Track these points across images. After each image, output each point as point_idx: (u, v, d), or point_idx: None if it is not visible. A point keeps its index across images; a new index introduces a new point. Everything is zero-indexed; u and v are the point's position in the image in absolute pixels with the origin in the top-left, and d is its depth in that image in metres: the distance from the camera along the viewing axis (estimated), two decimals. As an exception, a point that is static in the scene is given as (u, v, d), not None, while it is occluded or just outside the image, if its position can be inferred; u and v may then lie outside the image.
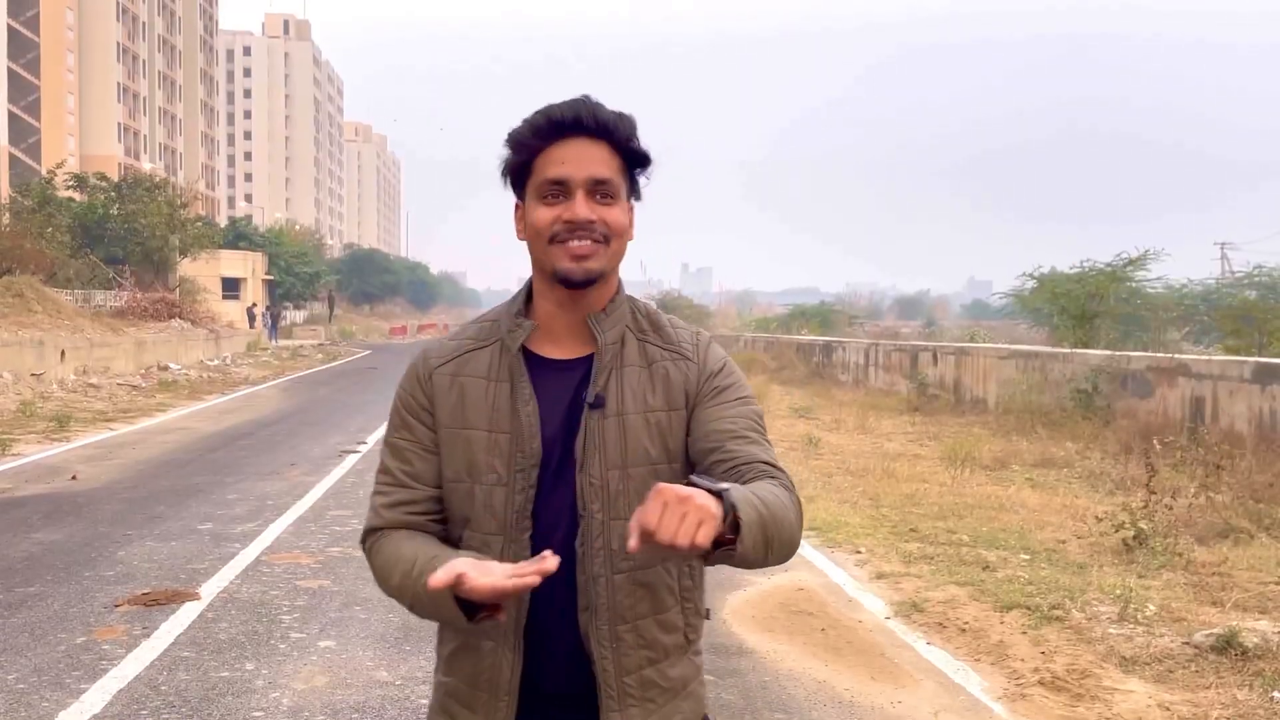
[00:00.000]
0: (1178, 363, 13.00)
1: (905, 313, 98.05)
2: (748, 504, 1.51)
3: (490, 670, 1.78)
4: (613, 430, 1.75)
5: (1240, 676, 5.03)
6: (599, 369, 1.77)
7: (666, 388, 1.79)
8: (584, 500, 1.74)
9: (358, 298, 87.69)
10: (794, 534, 1.64)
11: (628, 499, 1.73)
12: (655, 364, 1.81)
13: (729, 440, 1.74)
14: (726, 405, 1.78)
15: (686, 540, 1.40)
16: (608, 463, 1.75)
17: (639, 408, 1.77)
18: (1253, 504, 8.70)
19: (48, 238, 33.32)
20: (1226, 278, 34.79)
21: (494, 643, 1.77)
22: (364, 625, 5.99)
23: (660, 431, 1.78)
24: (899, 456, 12.77)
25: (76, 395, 20.92)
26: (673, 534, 1.40)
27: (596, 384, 1.77)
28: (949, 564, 7.42)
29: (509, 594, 1.57)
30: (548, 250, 1.75)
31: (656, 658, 1.79)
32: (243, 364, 33.93)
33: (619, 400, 1.77)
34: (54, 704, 4.77)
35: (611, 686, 1.75)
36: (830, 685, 5.16)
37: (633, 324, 1.83)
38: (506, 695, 1.77)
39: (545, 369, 1.80)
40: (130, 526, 8.67)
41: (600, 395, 1.76)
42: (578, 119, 1.73)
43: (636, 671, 1.77)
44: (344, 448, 13.64)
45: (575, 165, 1.73)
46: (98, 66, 79.49)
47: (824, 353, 28.24)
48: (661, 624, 1.79)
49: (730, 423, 1.76)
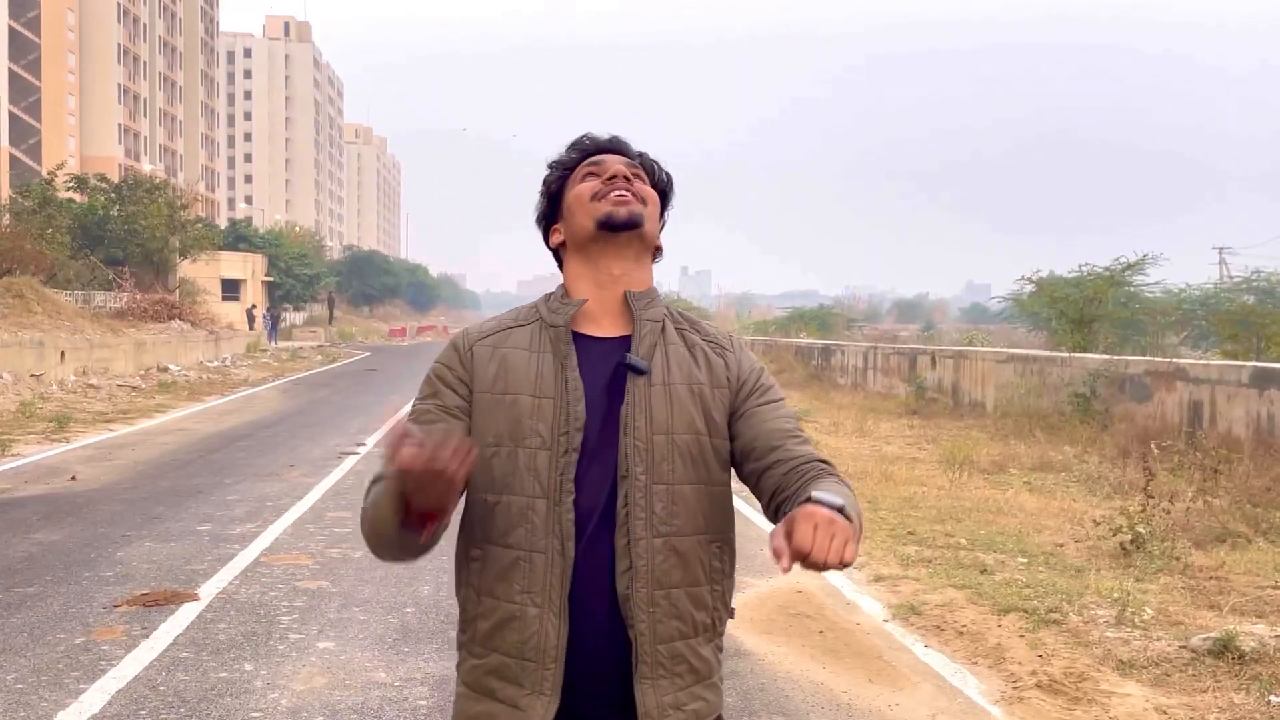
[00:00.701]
0: (1176, 367, 13.02)
1: (904, 316, 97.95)
2: (855, 512, 1.62)
3: (537, 637, 1.80)
4: (659, 397, 1.84)
5: (1237, 680, 5.04)
6: (639, 340, 1.86)
7: (709, 366, 1.90)
8: (628, 463, 1.80)
9: (357, 299, 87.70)
10: (862, 525, 1.74)
11: (670, 464, 1.82)
12: (696, 347, 1.92)
13: (788, 441, 1.86)
14: (775, 406, 1.91)
15: (837, 559, 1.49)
16: (654, 427, 1.82)
17: (685, 379, 1.87)
18: (1250, 508, 8.71)
19: (48, 239, 33.27)
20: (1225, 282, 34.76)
21: (539, 609, 1.79)
22: (363, 626, 6.00)
23: (704, 404, 1.87)
24: (897, 459, 12.78)
25: (76, 396, 20.93)
26: (825, 554, 1.48)
27: (638, 352, 1.84)
28: (947, 567, 7.43)
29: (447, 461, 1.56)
30: (592, 208, 1.88)
31: (688, 631, 1.83)
32: (242, 365, 33.94)
33: (665, 371, 1.86)
34: (53, 704, 4.78)
35: (646, 653, 1.79)
36: (828, 687, 5.17)
37: (670, 316, 1.94)
38: (553, 663, 1.80)
39: (586, 344, 1.88)
40: (129, 527, 8.68)
41: (643, 363, 1.83)
42: (613, 142, 1.98)
43: (669, 642, 1.81)
44: (343, 449, 13.65)
45: (609, 158, 1.94)
46: (98, 68, 79.53)
47: (823, 356, 28.26)
48: (693, 598, 1.84)
49: (785, 423, 1.89)
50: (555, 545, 1.79)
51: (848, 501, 1.61)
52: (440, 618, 6.16)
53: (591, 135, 2.00)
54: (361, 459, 12.79)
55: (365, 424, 16.84)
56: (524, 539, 1.81)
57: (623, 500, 1.79)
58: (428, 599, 6.55)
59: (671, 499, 1.81)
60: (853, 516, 1.58)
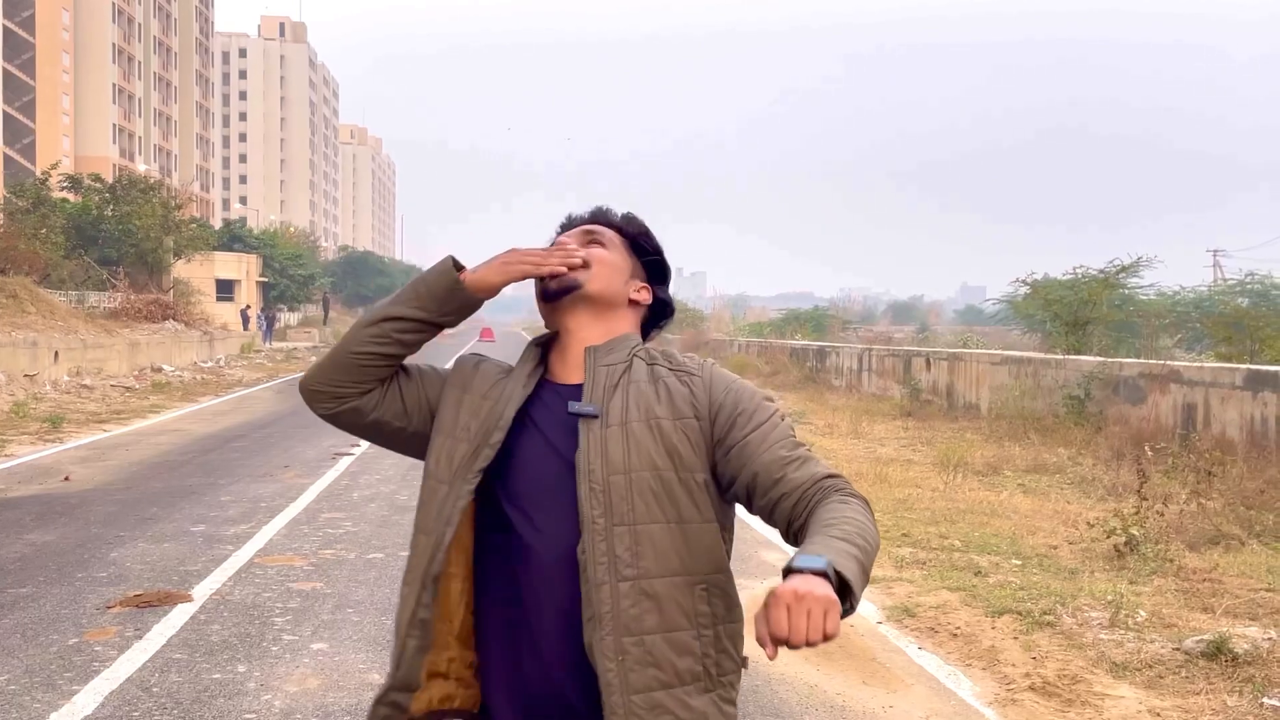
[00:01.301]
0: (1170, 369, 13.04)
1: (899, 318, 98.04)
2: (846, 558, 1.54)
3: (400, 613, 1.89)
4: (615, 438, 1.81)
5: (1230, 682, 5.05)
6: (591, 385, 1.87)
7: (670, 398, 1.86)
8: (586, 507, 1.77)
9: (352, 300, 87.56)
10: (876, 539, 1.69)
11: (630, 504, 1.77)
12: (660, 380, 1.89)
13: (787, 469, 1.78)
14: (765, 432, 1.82)
15: (818, 636, 1.42)
16: (610, 468, 1.79)
17: (643, 416, 1.83)
18: (1244, 511, 8.72)
19: (42, 239, 33.19)
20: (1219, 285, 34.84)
21: (409, 588, 1.88)
22: (356, 628, 6.00)
23: (665, 438, 1.82)
24: (892, 461, 12.79)
25: (70, 396, 20.90)
26: (803, 636, 1.42)
27: (590, 396, 1.86)
28: (941, 569, 7.43)
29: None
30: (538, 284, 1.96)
31: (669, 680, 1.75)
32: (236, 366, 33.89)
33: (623, 410, 1.84)
34: (45, 705, 4.76)
35: (616, 705, 1.72)
36: (822, 689, 5.18)
37: (642, 354, 1.94)
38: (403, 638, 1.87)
39: (551, 391, 1.93)
40: (123, 528, 8.66)
41: (590, 407, 1.84)
42: (590, 216, 2.08)
43: (645, 691, 1.73)
44: (337, 450, 13.63)
45: (565, 236, 2.04)
46: (93, 67, 79.39)
47: (817, 357, 28.26)
48: (672, 644, 1.76)
49: (780, 449, 1.80)
50: (439, 528, 1.85)
51: (839, 550, 1.55)
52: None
53: (572, 216, 2.09)
54: (356, 460, 12.77)
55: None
56: (423, 521, 1.90)
57: (581, 547, 1.76)
58: (422, 600, 6.53)
59: (635, 540, 1.76)
60: (849, 574, 1.50)
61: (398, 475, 11.53)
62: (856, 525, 1.64)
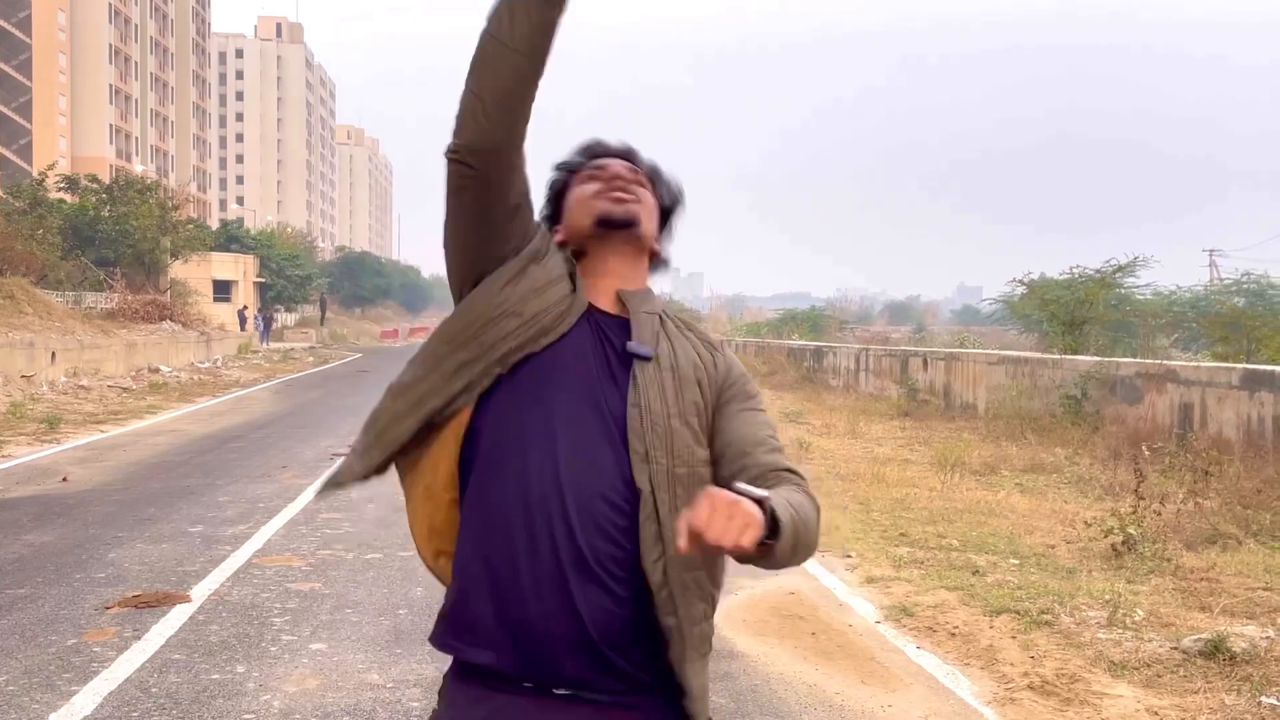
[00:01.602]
0: (1166, 369, 13.06)
1: (895, 318, 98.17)
2: (784, 510, 1.60)
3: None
4: (669, 381, 1.84)
5: (1228, 681, 5.06)
6: (639, 327, 1.86)
7: (701, 362, 1.91)
8: (649, 445, 1.77)
9: (349, 300, 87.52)
10: (815, 536, 1.75)
11: (689, 446, 1.81)
12: (692, 342, 1.93)
13: (758, 450, 1.84)
14: (754, 413, 1.90)
15: (732, 542, 1.48)
16: (669, 410, 1.82)
17: (690, 364, 1.88)
18: (1240, 510, 8.74)
19: (38, 239, 33.18)
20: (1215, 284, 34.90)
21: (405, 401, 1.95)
22: (355, 628, 6.00)
23: (704, 394, 1.87)
24: (889, 461, 12.80)
25: (67, 397, 20.87)
26: (720, 535, 1.47)
27: (640, 338, 1.84)
28: (939, 568, 7.44)
29: None
30: (592, 205, 1.89)
31: (710, 612, 1.84)
32: (233, 366, 33.87)
33: (671, 356, 1.86)
34: (44, 706, 4.76)
35: (688, 636, 1.78)
36: (821, 689, 5.18)
37: (665, 314, 1.95)
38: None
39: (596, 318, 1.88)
40: (121, 529, 8.66)
41: (647, 348, 1.84)
42: (622, 146, 1.98)
43: (698, 623, 1.80)
44: (335, 451, 13.63)
45: (614, 161, 1.96)
46: (89, 68, 79.37)
47: (814, 357, 28.28)
48: (713, 578, 1.84)
49: (762, 430, 1.88)
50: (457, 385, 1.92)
51: (781, 500, 1.61)
52: (432, 620, 6.14)
53: (601, 141, 2.01)
54: (353, 460, 12.75)
55: (357, 425, 16.62)
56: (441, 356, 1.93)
57: (648, 486, 1.75)
58: (420, 600, 6.54)
59: (694, 479, 1.79)
60: (783, 517, 1.56)
61: (395, 475, 11.52)
62: (802, 507, 1.69)
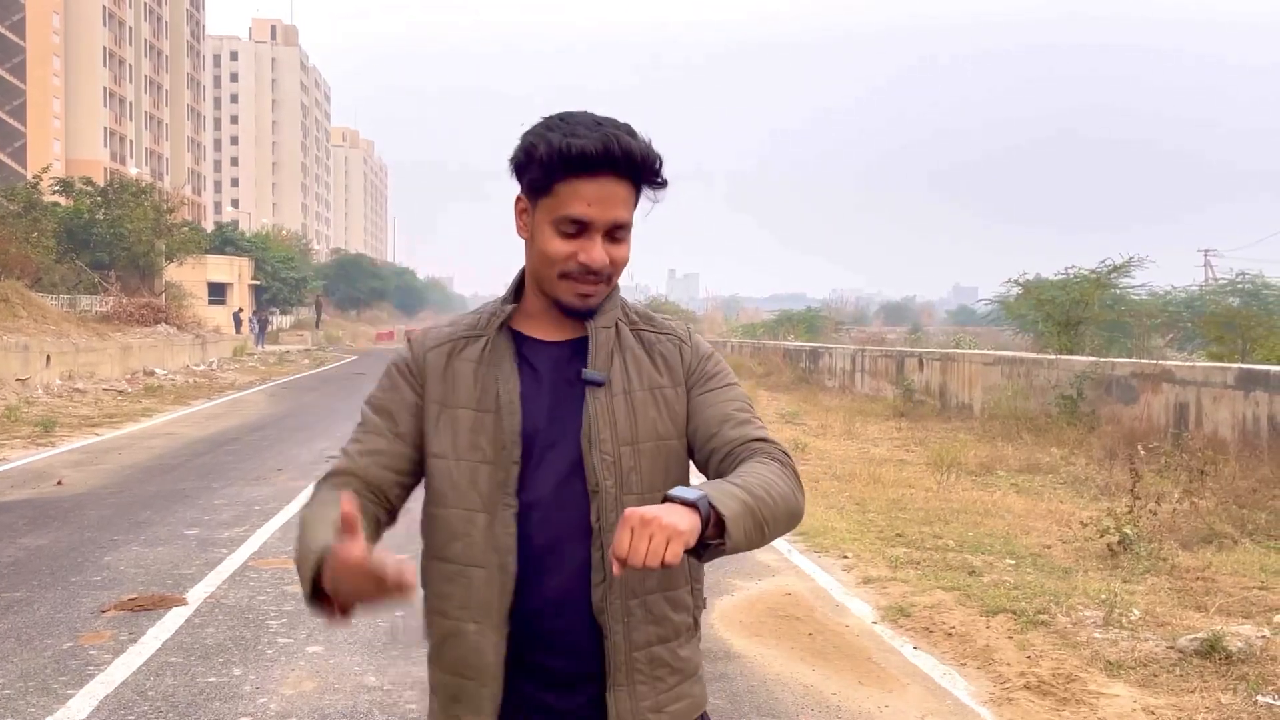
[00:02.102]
0: (1162, 369, 13.08)
1: (891, 318, 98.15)
2: (729, 497, 1.56)
3: (474, 655, 1.78)
4: (621, 407, 1.80)
5: (1224, 680, 5.06)
6: (595, 350, 1.80)
7: (667, 365, 1.86)
8: (597, 477, 1.76)
9: (344, 303, 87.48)
10: (791, 503, 1.70)
11: (639, 473, 1.78)
12: (653, 346, 1.87)
13: (724, 427, 1.80)
14: (717, 392, 1.85)
15: (656, 561, 1.45)
16: (619, 439, 1.78)
17: (645, 385, 1.82)
18: (1236, 509, 8.75)
19: (33, 242, 33.11)
20: (1210, 284, 34.98)
21: (477, 626, 1.78)
22: (351, 631, 5.98)
23: (668, 406, 1.83)
24: (885, 462, 12.81)
25: (62, 400, 20.83)
26: (642, 557, 1.45)
27: (595, 363, 1.80)
28: (935, 569, 7.45)
29: (362, 570, 1.52)
30: (555, 282, 1.77)
31: (666, 635, 1.81)
32: (229, 369, 33.83)
33: (624, 379, 1.81)
34: (40, 709, 4.76)
35: (620, 661, 1.76)
36: (817, 689, 5.18)
37: (624, 317, 1.87)
38: (492, 680, 1.77)
39: (533, 348, 1.83)
40: (116, 532, 8.64)
41: (600, 375, 1.79)
42: (608, 153, 1.68)
43: (646, 648, 1.79)
44: (330, 453, 13.60)
45: (599, 208, 1.71)
46: (84, 71, 79.25)
47: (810, 358, 28.29)
48: (671, 601, 1.81)
49: (723, 407, 1.83)
50: (494, 560, 1.76)
51: (727, 489, 1.57)
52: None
53: (584, 145, 1.67)
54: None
55: (352, 428, 16.77)
56: (462, 553, 1.80)
57: (594, 514, 1.75)
58: (417, 603, 6.52)
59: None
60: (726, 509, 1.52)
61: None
62: (761, 479, 1.65)
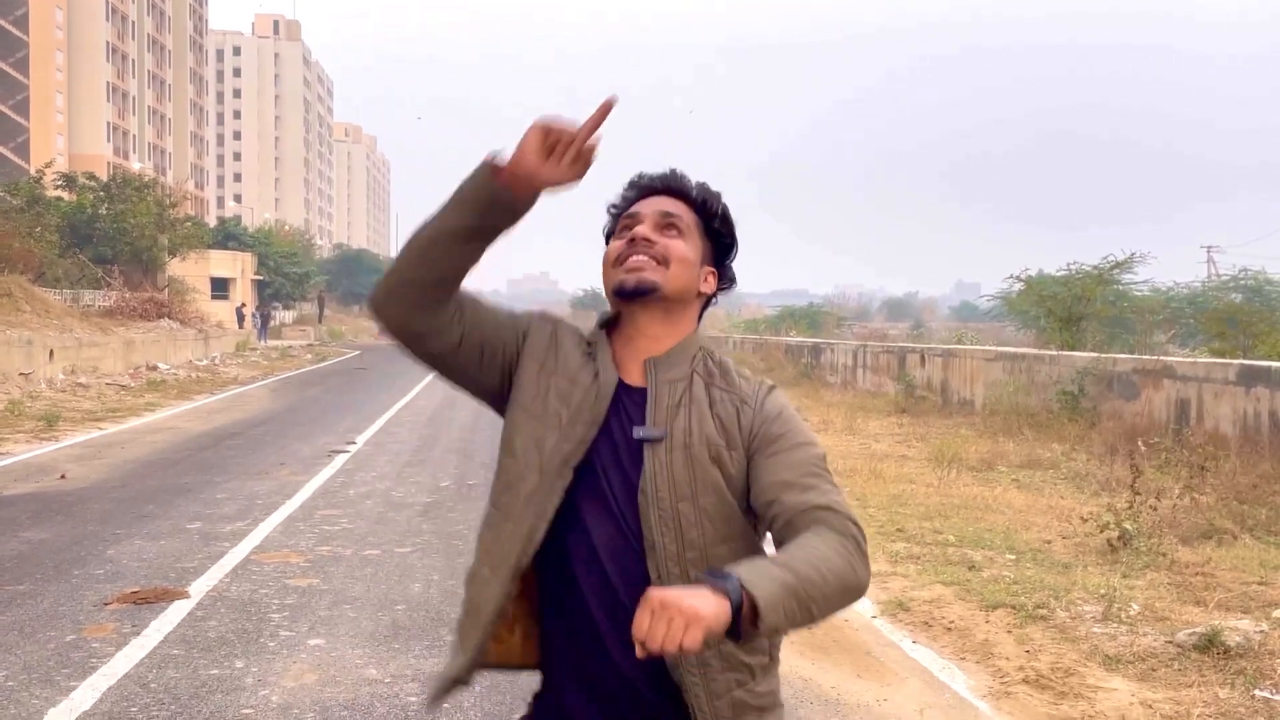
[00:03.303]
0: (1163, 365, 13.09)
1: (893, 314, 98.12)
2: (767, 579, 1.53)
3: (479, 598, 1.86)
4: (680, 462, 1.79)
5: (1222, 675, 5.08)
6: (654, 405, 1.82)
7: (724, 427, 1.83)
8: (653, 534, 1.76)
9: (347, 298, 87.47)
10: (848, 579, 1.66)
11: (700, 529, 1.77)
12: (716, 404, 1.85)
13: (784, 492, 1.75)
14: (782, 455, 1.80)
15: (673, 647, 1.43)
16: (677, 493, 1.77)
17: (704, 441, 1.81)
18: (1236, 505, 8.77)
19: (36, 237, 33.19)
20: (1212, 281, 34.97)
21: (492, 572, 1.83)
22: (353, 624, 6.01)
23: (723, 466, 1.81)
24: (886, 457, 12.83)
25: (65, 395, 20.87)
26: (659, 642, 1.44)
27: (653, 417, 1.81)
28: (935, 564, 7.47)
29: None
30: (611, 273, 1.87)
31: (744, 679, 1.80)
32: (231, 364, 33.86)
33: (686, 433, 1.81)
34: (44, 701, 4.78)
35: (704, 712, 1.76)
36: (816, 683, 5.20)
37: (701, 369, 1.88)
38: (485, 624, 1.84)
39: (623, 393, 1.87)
40: (119, 525, 8.67)
41: (655, 432, 1.80)
42: (664, 179, 1.95)
43: (727, 695, 1.78)
44: (333, 448, 13.64)
45: (648, 205, 1.92)
46: (87, 66, 79.21)
47: (812, 354, 28.30)
48: (746, 647, 1.77)
49: (787, 472, 1.77)
50: (529, 518, 1.80)
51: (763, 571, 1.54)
52: (431, 615, 6.17)
53: (646, 175, 1.96)
54: (351, 457, 12.79)
55: (355, 423, 16.84)
56: (508, 505, 1.84)
57: (655, 574, 1.75)
58: (418, 596, 6.56)
59: (706, 562, 1.75)
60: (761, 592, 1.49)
61: (393, 472, 11.55)
62: (813, 553, 1.62)
